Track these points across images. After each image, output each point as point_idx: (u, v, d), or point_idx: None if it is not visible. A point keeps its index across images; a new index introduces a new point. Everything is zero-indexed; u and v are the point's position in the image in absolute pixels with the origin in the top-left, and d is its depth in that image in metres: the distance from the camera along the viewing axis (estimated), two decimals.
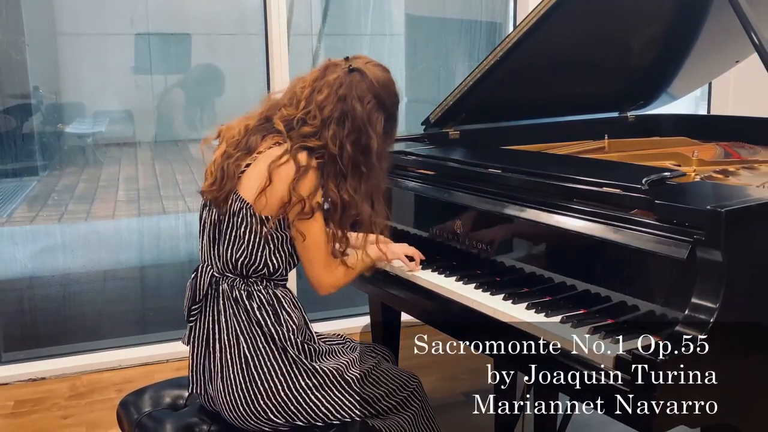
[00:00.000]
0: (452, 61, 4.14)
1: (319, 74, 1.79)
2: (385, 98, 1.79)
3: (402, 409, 1.81)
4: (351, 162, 1.74)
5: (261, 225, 1.70)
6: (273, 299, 1.74)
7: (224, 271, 1.76)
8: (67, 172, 3.57)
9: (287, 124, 1.75)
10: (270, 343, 1.70)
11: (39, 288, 3.50)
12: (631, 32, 2.58)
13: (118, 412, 1.90)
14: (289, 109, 1.77)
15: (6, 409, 2.99)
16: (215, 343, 1.75)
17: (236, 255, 1.72)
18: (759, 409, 1.51)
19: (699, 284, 1.39)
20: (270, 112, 1.80)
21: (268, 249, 1.72)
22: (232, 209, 1.71)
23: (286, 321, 1.73)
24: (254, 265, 1.73)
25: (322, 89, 1.75)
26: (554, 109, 2.81)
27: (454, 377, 3.18)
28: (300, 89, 1.78)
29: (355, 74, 1.76)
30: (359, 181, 1.76)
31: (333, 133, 1.72)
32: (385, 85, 1.80)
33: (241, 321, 1.72)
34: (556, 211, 1.73)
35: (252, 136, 1.76)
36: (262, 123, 1.79)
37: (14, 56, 3.30)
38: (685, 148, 2.49)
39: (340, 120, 1.73)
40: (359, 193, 1.76)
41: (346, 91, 1.74)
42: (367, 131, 1.75)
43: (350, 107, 1.73)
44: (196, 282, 1.78)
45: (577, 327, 1.53)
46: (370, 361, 1.84)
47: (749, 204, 1.45)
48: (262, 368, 1.70)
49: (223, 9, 3.65)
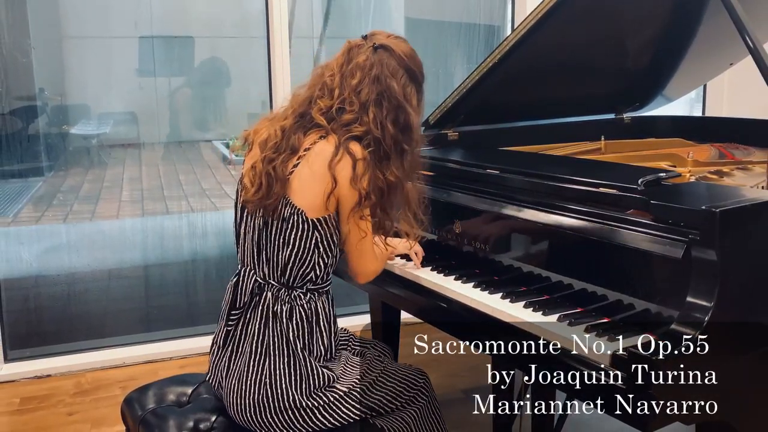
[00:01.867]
0: (451, 64, 4.12)
1: (345, 58, 1.73)
2: (415, 70, 1.76)
3: (407, 406, 1.80)
4: (394, 142, 1.69)
5: (314, 229, 1.66)
6: (313, 315, 1.71)
7: (269, 277, 1.72)
8: (72, 172, 3.57)
9: (327, 115, 1.70)
10: (293, 368, 1.68)
11: (44, 287, 3.50)
12: (628, 35, 2.58)
13: (123, 409, 1.90)
14: (324, 101, 1.71)
15: (12, 406, 3.00)
16: (240, 347, 1.73)
17: (286, 259, 1.69)
18: (755, 406, 1.53)
19: (694, 283, 1.40)
20: (303, 108, 1.74)
21: (317, 252, 1.69)
22: (282, 215, 1.67)
23: (316, 342, 1.71)
24: (304, 268, 1.70)
25: (354, 73, 1.70)
26: (551, 111, 2.82)
27: (453, 375, 3.17)
28: (329, 78, 1.73)
29: (382, 51, 1.72)
30: (401, 160, 1.71)
31: (373, 116, 1.68)
32: (412, 56, 1.77)
33: (273, 336, 1.69)
34: (554, 211, 1.73)
35: (293, 135, 1.70)
36: (299, 120, 1.72)
37: (20, 59, 3.30)
38: (681, 150, 2.51)
39: (378, 101, 1.69)
40: (402, 172, 1.71)
41: (379, 71, 1.69)
42: (404, 107, 1.71)
43: (386, 86, 1.69)
44: (238, 287, 1.75)
45: (573, 325, 1.54)
46: (378, 367, 1.82)
47: (743, 204, 1.46)
48: (278, 388, 1.67)
49: (226, 12, 3.64)
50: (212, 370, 1.80)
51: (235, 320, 1.75)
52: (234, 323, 1.75)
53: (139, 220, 3.66)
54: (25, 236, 3.50)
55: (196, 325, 3.55)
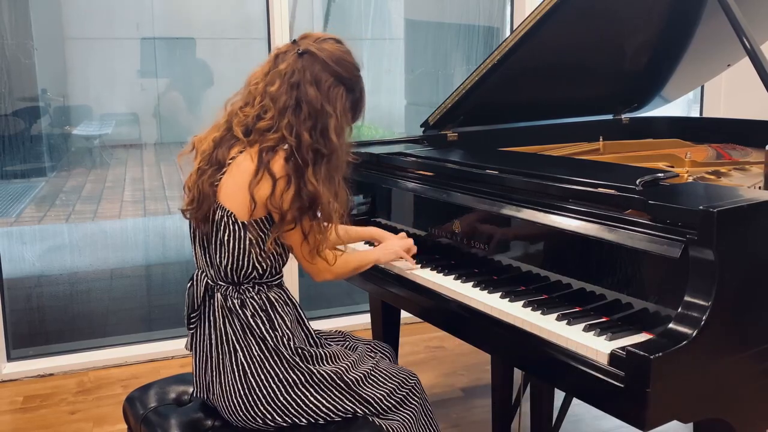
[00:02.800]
0: (450, 65, 4.12)
1: (271, 65, 1.73)
2: (342, 72, 1.72)
3: (402, 408, 1.80)
4: (311, 149, 1.67)
5: (244, 231, 1.67)
6: (266, 304, 1.71)
7: (217, 279, 1.74)
8: (75, 173, 3.57)
9: (245, 128, 1.70)
10: (265, 350, 1.69)
11: (47, 286, 3.51)
12: (626, 37, 2.59)
13: (125, 408, 1.91)
14: (245, 110, 1.72)
15: (15, 405, 3.01)
16: (213, 350, 1.74)
17: (224, 262, 1.69)
18: (751, 403, 1.54)
19: (691, 282, 1.40)
20: (231, 118, 1.75)
21: (254, 253, 1.69)
22: (214, 219, 1.69)
23: (279, 326, 1.71)
24: (243, 270, 1.70)
25: (274, 81, 1.69)
26: (550, 112, 2.83)
27: (452, 373, 3.19)
28: (254, 86, 1.73)
29: (306, 57, 1.69)
30: (320, 165, 1.68)
31: (288, 122, 1.66)
32: (340, 58, 1.73)
33: (236, 330, 1.70)
34: (552, 211, 1.73)
35: (219, 149, 1.72)
36: (226, 133, 1.74)
37: (23, 60, 3.30)
38: (678, 150, 2.52)
39: (296, 108, 1.67)
40: (321, 178, 1.68)
41: (299, 77, 1.67)
42: (324, 112, 1.68)
43: (304, 93, 1.67)
44: (193, 290, 1.77)
45: (572, 324, 1.55)
46: (369, 362, 1.83)
47: (740, 204, 1.45)
48: (260, 375, 1.68)
49: (227, 14, 3.65)
50: (197, 382, 1.80)
51: (195, 323, 1.77)
52: (194, 326, 1.77)
53: (140, 220, 3.67)
54: (28, 236, 3.50)
55: None
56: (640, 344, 1.37)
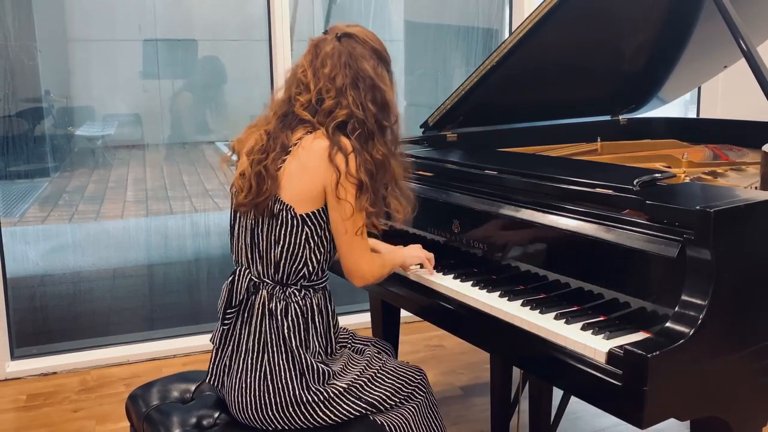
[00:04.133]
0: (450, 66, 4.13)
1: (313, 54, 1.76)
2: (381, 50, 1.78)
3: (405, 403, 1.81)
4: (375, 120, 1.72)
5: (303, 225, 1.68)
6: (308, 312, 1.73)
7: (263, 275, 1.74)
8: (78, 173, 3.58)
9: (309, 109, 1.72)
10: (290, 363, 1.70)
11: (50, 285, 3.52)
12: (624, 38, 2.59)
13: (127, 406, 1.92)
14: (302, 96, 1.73)
15: (19, 403, 3.03)
16: (240, 345, 1.74)
17: (278, 256, 1.70)
18: (746, 402, 1.54)
19: (688, 282, 1.40)
20: (284, 109, 1.76)
21: (308, 248, 1.71)
22: (272, 212, 1.69)
23: (312, 339, 1.72)
24: (295, 265, 1.71)
25: (325, 63, 1.72)
26: (549, 113, 2.82)
27: (452, 371, 3.22)
28: (302, 75, 1.75)
29: (346, 39, 1.74)
30: (384, 137, 1.74)
31: (353, 98, 1.70)
32: (376, 39, 1.79)
33: (270, 333, 1.71)
34: (551, 212, 1.74)
35: (280, 134, 1.72)
36: (282, 120, 1.74)
37: (26, 61, 3.31)
38: (675, 151, 2.52)
39: (354, 84, 1.71)
40: (387, 148, 1.74)
41: (347, 57, 1.72)
42: (379, 86, 1.73)
43: (358, 68, 1.72)
44: (233, 286, 1.75)
45: (570, 323, 1.55)
46: (377, 364, 1.83)
47: (737, 204, 1.46)
48: (278, 383, 1.69)
49: (229, 16, 3.65)
50: (212, 372, 1.79)
51: (230, 319, 1.76)
52: (230, 322, 1.76)
53: (143, 220, 3.67)
54: (32, 236, 3.51)
55: (199, 323, 3.57)
56: (638, 343, 1.37)
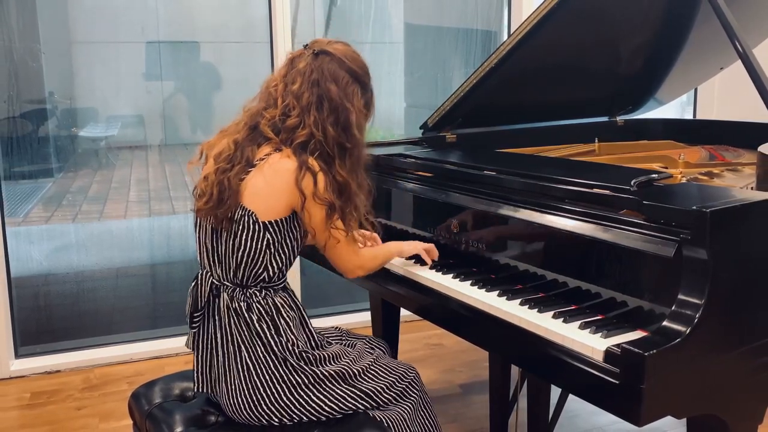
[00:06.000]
0: (449, 68, 4.13)
1: (288, 68, 1.77)
2: (357, 70, 1.78)
3: (401, 400, 1.81)
4: (335, 143, 1.72)
5: (265, 231, 1.68)
6: (272, 309, 1.72)
7: (223, 279, 1.74)
8: (81, 174, 3.59)
9: (274, 127, 1.73)
10: (270, 354, 1.70)
11: (54, 285, 3.52)
12: (622, 40, 2.60)
13: (130, 404, 1.92)
14: (270, 111, 1.75)
15: (23, 401, 3.04)
16: (218, 349, 1.74)
17: (238, 261, 1.70)
18: (742, 400, 1.55)
19: (685, 281, 1.40)
20: (253, 121, 1.77)
21: (269, 253, 1.70)
22: (233, 218, 1.69)
23: (284, 330, 1.71)
24: (256, 269, 1.71)
25: (295, 79, 1.73)
26: (547, 114, 2.83)
27: (451, 370, 3.22)
28: (273, 88, 1.77)
29: (322, 56, 1.75)
30: (345, 158, 1.74)
31: (314, 119, 1.71)
32: (353, 58, 1.79)
33: (242, 331, 1.70)
34: (549, 212, 1.74)
35: (246, 148, 1.73)
36: (250, 133, 1.76)
37: (30, 63, 3.33)
38: (672, 151, 2.53)
39: (319, 104, 1.72)
40: (347, 169, 1.74)
41: (318, 75, 1.73)
42: (345, 107, 1.73)
43: (325, 89, 1.72)
44: (197, 290, 1.75)
45: (568, 322, 1.55)
46: (368, 357, 1.84)
47: (733, 204, 1.46)
48: (264, 376, 1.70)
49: (231, 18, 3.67)
50: (199, 380, 1.79)
51: (198, 322, 1.76)
52: (198, 324, 1.76)
53: (146, 220, 3.68)
54: (36, 236, 3.52)
55: None
56: (635, 341, 1.37)
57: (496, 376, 2.23)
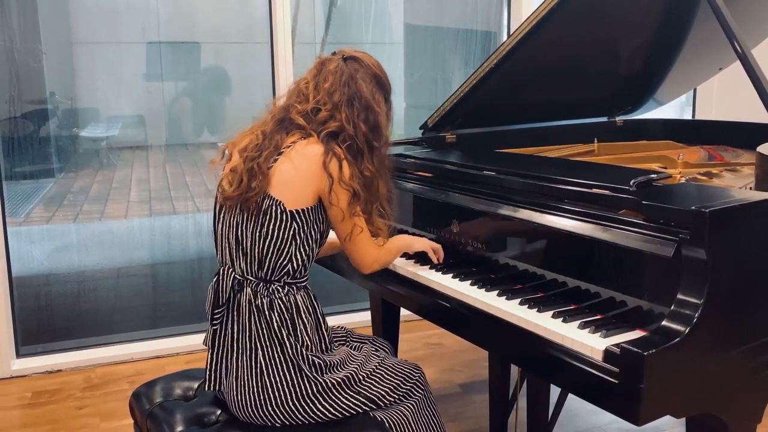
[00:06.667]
0: (449, 69, 4.15)
1: (317, 69, 1.84)
2: (382, 78, 1.87)
3: (405, 400, 1.83)
4: (365, 139, 1.79)
5: (291, 220, 1.71)
6: (292, 307, 1.74)
7: (247, 273, 1.75)
8: (82, 174, 3.59)
9: (304, 117, 1.78)
10: (284, 355, 1.71)
11: (55, 284, 3.53)
12: (620, 41, 2.61)
13: (131, 403, 1.93)
14: (301, 105, 1.80)
15: (24, 400, 3.05)
16: (234, 344, 1.76)
17: (264, 251, 1.71)
18: (741, 399, 1.55)
19: (684, 281, 1.41)
20: (282, 114, 1.82)
21: (294, 244, 1.72)
22: (260, 207, 1.70)
23: (301, 333, 1.73)
24: (280, 261, 1.72)
25: (327, 78, 1.80)
26: (546, 114, 2.83)
27: (451, 369, 3.24)
28: (304, 85, 1.83)
29: (351, 62, 1.83)
30: (372, 156, 1.81)
31: (346, 115, 1.78)
32: (379, 67, 1.88)
33: (260, 328, 1.72)
34: (548, 212, 1.75)
35: (275, 136, 1.78)
36: (279, 124, 1.81)
37: (32, 64, 3.33)
38: (671, 152, 2.53)
39: (350, 102, 1.79)
40: (374, 167, 1.80)
41: (349, 77, 1.80)
42: (373, 108, 1.81)
43: (356, 89, 1.80)
44: (218, 286, 1.76)
45: (567, 322, 1.56)
46: (375, 360, 1.85)
47: (732, 204, 1.46)
48: (275, 377, 1.71)
49: (231, 19, 3.68)
50: (210, 377, 1.79)
51: (219, 319, 1.77)
52: (218, 322, 1.77)
53: (146, 220, 3.69)
54: (37, 235, 3.52)
55: (201, 321, 3.49)
56: (634, 341, 1.38)
57: (495, 376, 2.24)
